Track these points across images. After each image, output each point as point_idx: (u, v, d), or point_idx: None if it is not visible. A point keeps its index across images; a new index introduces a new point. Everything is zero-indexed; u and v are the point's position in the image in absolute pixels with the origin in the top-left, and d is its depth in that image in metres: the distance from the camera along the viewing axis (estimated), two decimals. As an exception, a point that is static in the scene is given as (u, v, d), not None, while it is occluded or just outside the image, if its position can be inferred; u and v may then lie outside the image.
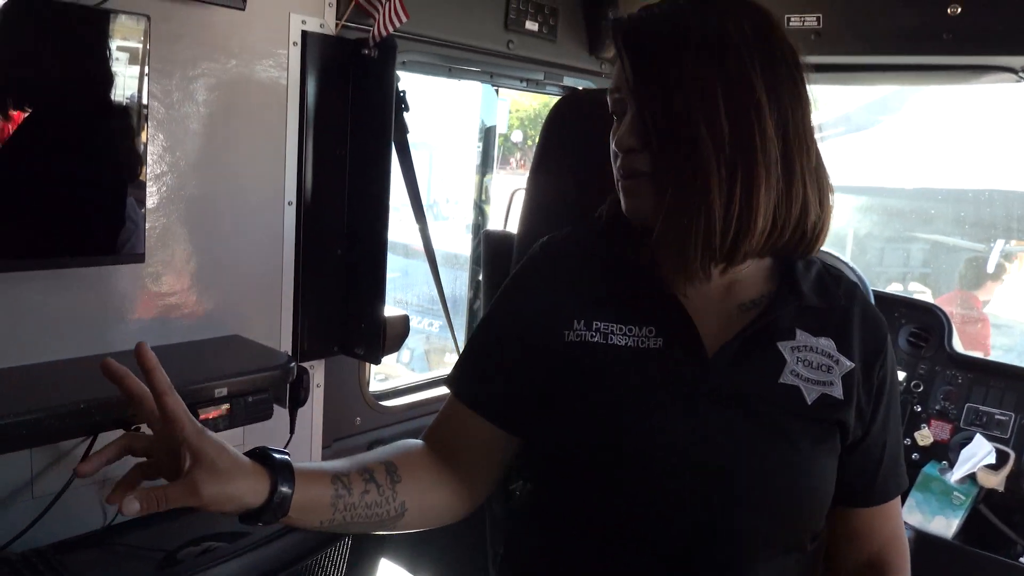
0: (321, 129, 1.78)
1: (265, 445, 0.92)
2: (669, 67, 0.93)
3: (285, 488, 0.88)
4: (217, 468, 0.84)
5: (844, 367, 1.00)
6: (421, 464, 1.04)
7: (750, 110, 0.92)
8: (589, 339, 1.01)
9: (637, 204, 1.00)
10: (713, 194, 0.92)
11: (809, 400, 0.98)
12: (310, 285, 1.81)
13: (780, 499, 0.97)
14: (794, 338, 1.01)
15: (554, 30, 2.32)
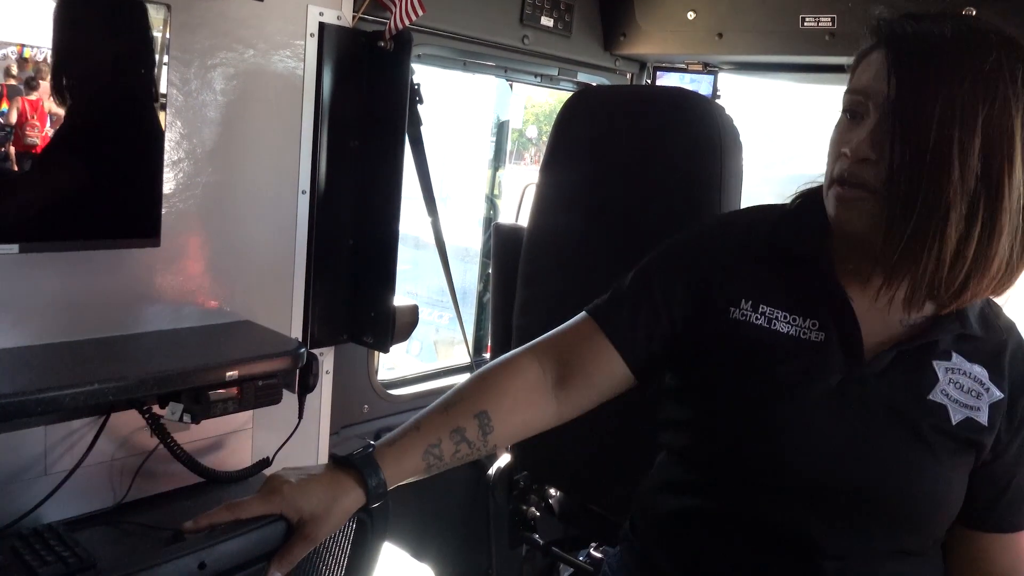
0: (336, 120, 1.80)
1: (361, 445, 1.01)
2: (938, 93, 0.91)
3: (375, 482, 0.97)
4: (317, 515, 0.93)
5: (993, 396, 1.03)
6: (518, 390, 1.10)
7: (1004, 153, 0.92)
8: (754, 320, 1.07)
9: (851, 216, 0.99)
10: (951, 228, 0.92)
11: (954, 420, 1.01)
12: (321, 273, 1.84)
13: (915, 505, 1.01)
14: (950, 360, 1.03)
15: (569, 26, 2.34)
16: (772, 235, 1.11)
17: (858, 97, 1.00)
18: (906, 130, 0.93)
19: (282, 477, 0.94)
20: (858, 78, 1.01)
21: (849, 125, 1.01)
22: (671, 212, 1.48)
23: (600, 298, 1.17)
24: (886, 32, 0.98)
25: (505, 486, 1.95)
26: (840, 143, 1.00)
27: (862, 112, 1.00)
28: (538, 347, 1.15)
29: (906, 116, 0.93)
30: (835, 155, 1.02)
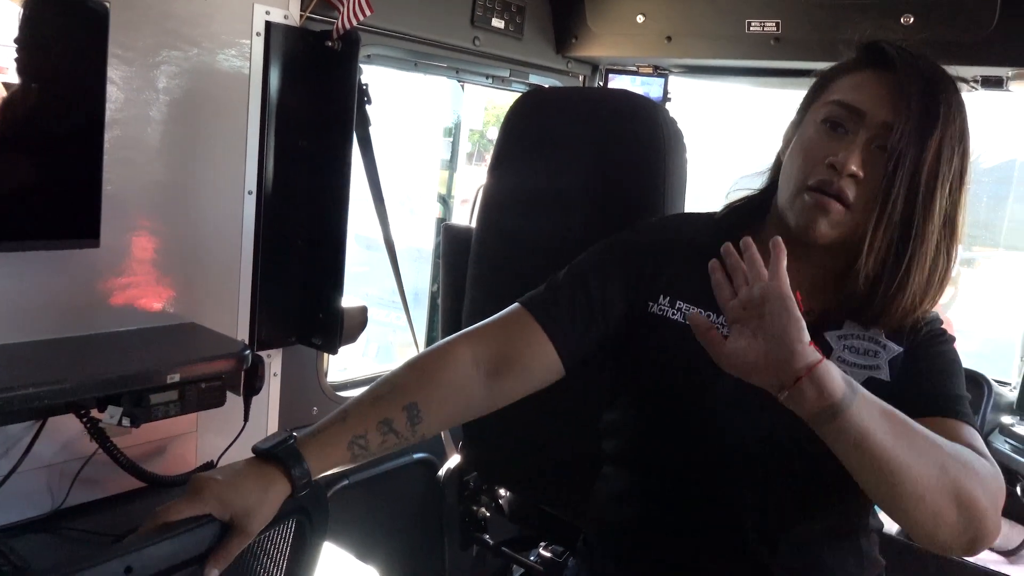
0: (283, 120, 1.79)
1: (279, 434, 1.00)
2: (938, 130, 1.00)
3: (298, 472, 0.96)
4: (248, 509, 0.92)
5: (892, 351, 1.07)
6: (450, 379, 1.10)
7: (959, 199, 1.04)
8: (670, 316, 1.14)
9: (824, 226, 1.04)
10: (927, 258, 1.02)
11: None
12: (269, 275, 1.82)
13: (826, 475, 1.03)
14: (841, 328, 1.08)
15: (520, 28, 2.34)
16: (696, 238, 1.17)
17: (845, 112, 1.05)
18: (909, 162, 1.00)
19: (207, 476, 0.93)
20: (847, 93, 1.06)
21: (831, 136, 1.05)
22: (616, 213, 1.49)
23: (534, 291, 1.20)
24: (890, 57, 1.04)
25: (455, 487, 1.95)
26: (823, 153, 1.04)
27: (848, 128, 1.04)
28: (471, 336, 1.16)
29: (911, 149, 1.00)
30: (813, 163, 1.05)
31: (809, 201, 1.04)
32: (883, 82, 1.03)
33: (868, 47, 1.09)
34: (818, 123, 1.07)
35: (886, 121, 1.01)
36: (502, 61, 2.37)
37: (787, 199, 1.08)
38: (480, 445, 1.87)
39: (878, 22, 1.95)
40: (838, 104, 1.05)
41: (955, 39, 1.90)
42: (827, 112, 1.06)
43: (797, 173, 1.07)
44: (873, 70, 1.05)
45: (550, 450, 1.66)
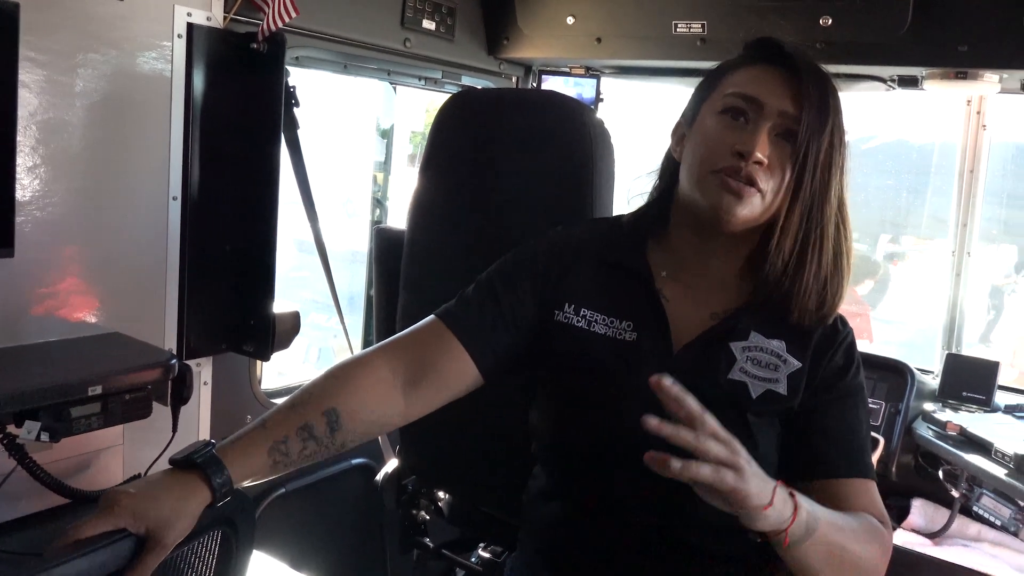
0: (208, 124, 1.75)
1: (198, 444, 0.98)
2: (832, 122, 1.07)
3: (220, 480, 0.95)
4: (164, 521, 0.90)
5: (791, 366, 1.10)
6: (368, 389, 1.11)
7: (845, 183, 1.11)
8: (575, 323, 1.16)
9: (739, 207, 1.07)
10: (828, 242, 1.09)
11: (754, 395, 1.09)
12: (197, 282, 1.78)
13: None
14: (747, 339, 1.11)
15: (452, 29, 2.34)
16: (600, 246, 1.21)
17: (745, 103, 1.08)
18: (815, 149, 1.05)
19: (119, 489, 0.91)
20: (744, 86, 1.10)
21: (732, 125, 1.09)
22: (545, 214, 1.50)
23: (448, 303, 1.22)
24: (785, 52, 1.10)
25: (394, 491, 1.94)
26: (727, 141, 1.08)
27: (750, 116, 1.08)
28: (389, 347, 1.18)
29: (815, 137, 1.05)
30: (718, 152, 1.09)
31: (719, 183, 1.07)
32: (777, 75, 1.08)
33: (760, 43, 1.14)
34: (717, 114, 1.10)
35: (785, 111, 1.06)
36: (434, 63, 2.37)
37: (693, 186, 1.11)
38: (417, 448, 1.86)
39: (799, 24, 2.02)
40: (736, 96, 1.09)
41: (872, 40, 1.97)
42: (726, 103, 1.10)
43: (702, 162, 1.10)
44: (766, 63, 1.10)
45: (486, 451, 1.66)
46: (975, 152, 2.50)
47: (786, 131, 1.07)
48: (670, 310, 1.14)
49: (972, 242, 2.62)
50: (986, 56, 1.90)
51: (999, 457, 2.13)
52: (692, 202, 1.12)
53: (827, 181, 1.07)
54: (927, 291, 3.96)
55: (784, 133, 1.07)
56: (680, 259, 1.17)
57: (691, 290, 1.16)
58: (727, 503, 0.90)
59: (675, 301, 1.15)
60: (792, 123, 1.06)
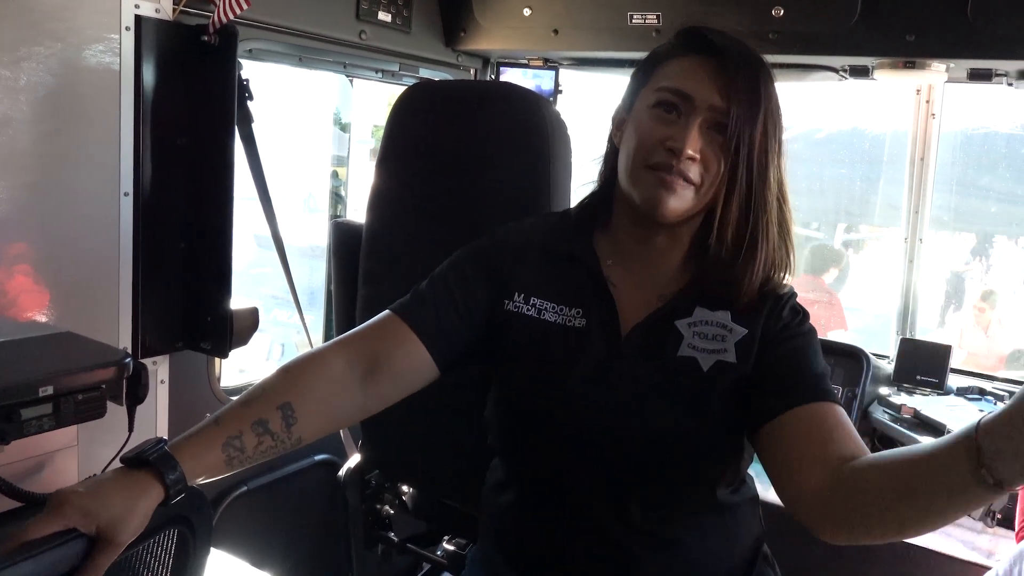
0: (159, 118, 1.72)
1: (150, 441, 0.97)
2: (763, 109, 1.07)
3: (173, 477, 0.94)
4: (116, 519, 0.88)
5: (738, 334, 1.11)
6: (324, 384, 1.10)
7: (783, 167, 1.12)
8: (525, 311, 1.18)
9: (673, 202, 1.08)
10: (772, 228, 1.10)
11: (705, 368, 1.10)
12: (151, 279, 1.75)
13: (683, 457, 1.10)
14: (691, 315, 1.13)
15: (408, 21, 2.33)
16: (547, 239, 1.22)
17: (675, 98, 1.09)
18: (748, 140, 1.06)
19: (68, 489, 0.89)
20: (674, 79, 1.10)
21: (664, 120, 1.09)
22: (503, 206, 1.50)
23: (403, 298, 1.22)
24: (714, 44, 1.09)
25: (357, 486, 1.93)
26: (659, 136, 1.08)
27: (681, 110, 1.08)
28: (344, 342, 1.17)
29: (747, 128, 1.06)
30: (650, 146, 1.09)
31: (652, 179, 1.08)
32: (707, 67, 1.08)
33: (688, 33, 1.14)
34: (650, 108, 1.11)
35: (715, 104, 1.07)
36: (391, 55, 2.35)
37: (629, 179, 1.12)
38: (380, 443, 1.85)
39: (751, 15, 2.04)
40: (667, 91, 1.09)
41: (823, 30, 2.00)
42: (657, 98, 1.10)
43: (635, 155, 1.10)
44: (695, 55, 1.10)
45: (448, 444, 1.66)
46: (925, 140, 2.55)
47: (717, 123, 1.07)
48: (617, 295, 1.16)
49: (924, 229, 2.68)
50: (932, 46, 1.94)
51: (951, 438, 2.17)
52: (628, 194, 1.13)
53: (764, 168, 1.08)
54: (884, 278, 4.05)
55: (715, 125, 1.07)
56: (624, 246, 1.18)
57: (637, 275, 1.17)
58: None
59: (622, 286, 1.16)
60: (722, 116, 1.07)
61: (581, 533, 1.15)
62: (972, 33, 1.90)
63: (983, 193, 3.63)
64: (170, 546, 1.03)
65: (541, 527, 1.20)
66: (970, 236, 4.08)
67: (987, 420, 0.79)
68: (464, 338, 1.19)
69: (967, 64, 2.07)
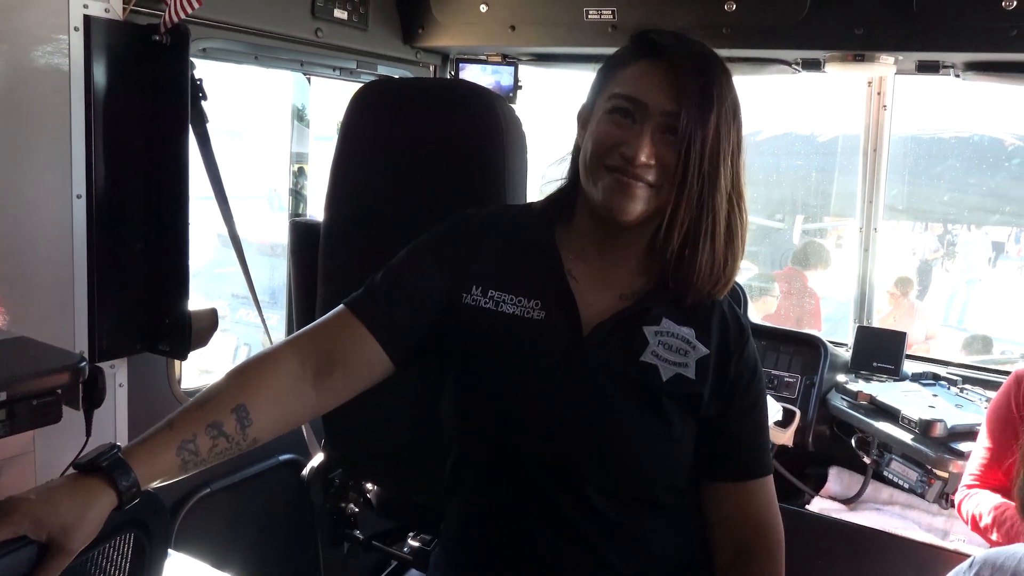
0: (111, 119, 1.70)
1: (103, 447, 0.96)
2: (715, 112, 1.08)
3: (126, 483, 0.94)
4: (68, 526, 0.88)
5: (699, 352, 1.14)
6: (277, 383, 1.10)
7: (740, 169, 1.14)
8: (483, 304, 1.17)
9: (629, 204, 1.09)
10: (719, 227, 1.12)
11: (664, 378, 1.12)
12: (106, 281, 1.73)
13: (637, 455, 1.13)
14: (659, 324, 1.14)
15: (365, 19, 2.32)
16: (509, 227, 1.22)
17: (629, 104, 1.10)
18: (698, 143, 1.08)
19: (19, 496, 0.88)
20: (628, 86, 1.11)
21: (620, 125, 1.11)
22: (459, 202, 1.49)
23: (356, 292, 1.21)
24: (665, 48, 1.10)
25: (321, 485, 1.93)
26: (614, 142, 1.10)
27: (635, 117, 1.10)
28: (296, 340, 1.17)
29: (698, 131, 1.07)
30: (606, 150, 1.11)
31: (610, 180, 1.10)
32: (658, 71, 1.09)
33: (640, 38, 1.15)
34: (606, 113, 1.12)
35: (666, 109, 1.08)
36: (348, 52, 2.34)
37: (587, 178, 1.13)
38: (343, 442, 1.85)
39: (705, 9, 2.07)
40: (621, 97, 1.11)
41: (774, 24, 2.03)
42: (613, 104, 1.12)
43: (592, 157, 1.12)
44: (648, 60, 1.11)
45: (411, 441, 1.67)
46: (877, 132, 2.60)
47: (671, 127, 1.09)
48: (579, 289, 1.16)
49: (878, 218, 2.73)
50: (881, 39, 1.98)
51: (905, 423, 2.23)
52: (589, 194, 1.14)
53: (715, 169, 1.09)
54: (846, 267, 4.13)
55: (669, 129, 1.09)
56: (587, 243, 1.19)
57: (599, 272, 1.18)
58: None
59: (583, 281, 1.17)
60: (675, 120, 1.08)
61: (540, 527, 1.16)
62: (919, 26, 1.94)
63: (934, 182, 3.71)
64: (126, 551, 1.02)
65: (499, 522, 1.20)
66: (919, 225, 4.17)
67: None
68: (419, 331, 1.18)
69: (915, 56, 2.12)
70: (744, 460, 1.18)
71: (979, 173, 3.82)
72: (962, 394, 2.43)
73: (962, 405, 2.34)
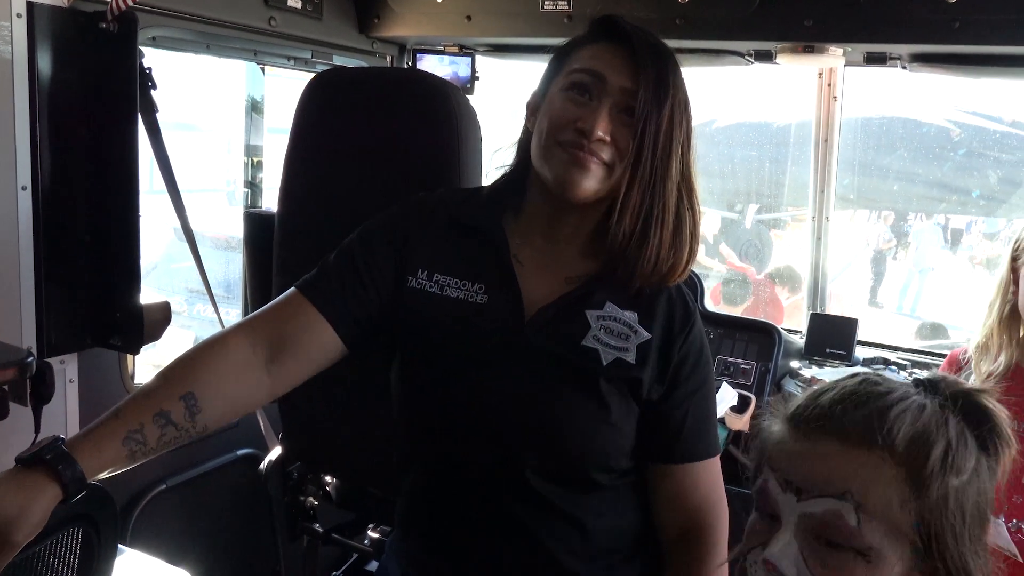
0: (57, 109, 1.67)
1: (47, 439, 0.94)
2: (671, 97, 1.10)
3: (71, 475, 0.92)
4: (10, 520, 0.87)
5: (641, 337, 1.14)
6: (227, 369, 1.09)
7: (690, 160, 1.15)
8: (427, 288, 1.17)
9: (583, 180, 1.10)
10: (669, 214, 1.13)
11: (605, 362, 1.13)
12: (54, 275, 1.70)
13: (578, 441, 1.13)
14: (602, 308, 1.15)
15: (319, 7, 2.29)
16: (456, 211, 1.22)
17: (589, 77, 1.11)
18: (653, 125, 1.09)
19: None
20: (587, 62, 1.12)
21: (577, 102, 1.11)
22: (412, 193, 1.50)
23: (308, 275, 1.21)
24: (626, 32, 1.11)
25: (279, 478, 1.92)
26: (570, 118, 1.10)
27: (593, 94, 1.10)
28: (247, 325, 1.17)
29: (654, 113, 1.08)
30: (561, 126, 1.11)
31: (564, 155, 1.10)
32: (618, 53, 1.11)
33: (602, 21, 1.16)
34: (563, 91, 1.13)
35: (625, 87, 1.09)
36: (302, 42, 2.32)
37: (541, 156, 1.13)
38: (300, 434, 1.84)
39: (657, 1, 2.08)
40: (580, 72, 1.12)
41: (726, 16, 2.06)
42: (571, 80, 1.12)
43: (548, 136, 1.12)
44: (608, 42, 1.13)
45: (367, 433, 1.66)
46: (828, 123, 2.65)
47: (627, 107, 1.10)
48: (523, 274, 1.16)
49: (830, 208, 2.78)
50: (830, 30, 2.01)
51: (856, 407, 2.28)
52: (541, 173, 1.15)
53: (667, 156, 1.11)
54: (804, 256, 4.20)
55: (626, 109, 1.10)
56: (534, 226, 1.19)
57: (545, 256, 1.18)
58: None
59: (529, 265, 1.18)
60: (632, 99, 1.09)
61: (478, 510, 1.17)
62: (866, 18, 1.98)
63: (883, 172, 3.79)
64: (74, 546, 1.01)
65: (444, 506, 1.21)
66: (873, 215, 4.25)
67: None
68: (370, 313, 1.18)
69: (863, 48, 2.16)
70: (689, 442, 1.19)
71: (926, 163, 3.91)
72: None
73: (911, 389, 2.39)
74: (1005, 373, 1.58)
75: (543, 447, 1.13)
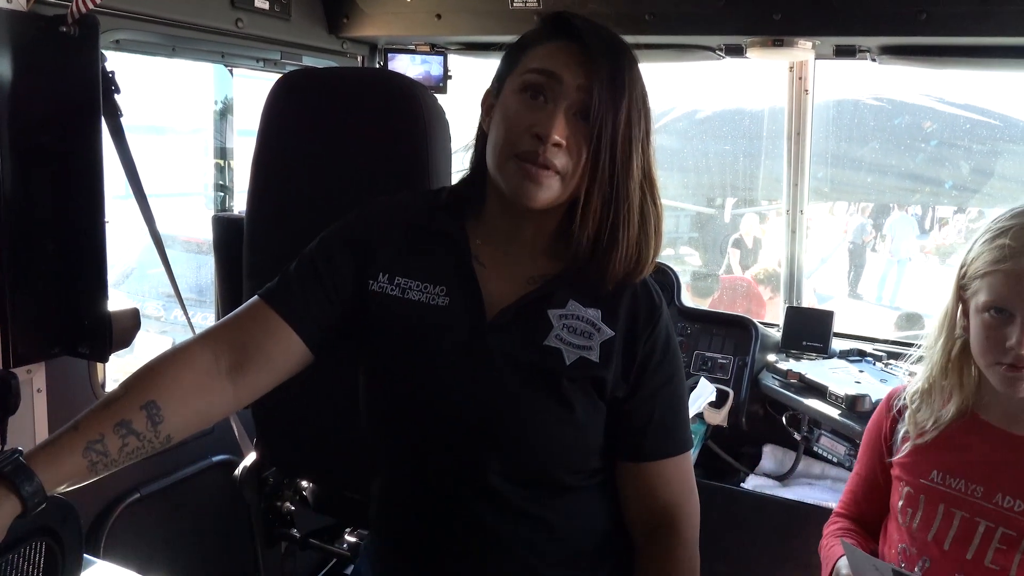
0: (17, 115, 1.64)
1: (5, 452, 0.93)
2: (627, 95, 1.08)
3: (30, 489, 0.90)
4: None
5: (604, 335, 1.13)
6: (190, 379, 1.08)
7: (650, 156, 1.13)
8: (389, 292, 1.16)
9: (538, 193, 1.08)
10: (633, 215, 1.11)
11: (568, 361, 1.11)
12: (18, 284, 1.67)
13: (541, 442, 1.12)
14: (565, 307, 1.13)
15: (287, 8, 2.27)
16: (416, 214, 1.21)
17: (543, 78, 1.08)
18: (610, 127, 1.07)
19: None
20: (542, 61, 1.09)
21: (531, 105, 1.09)
22: (381, 194, 1.48)
23: (270, 283, 1.20)
24: (579, 29, 1.09)
25: (254, 484, 1.90)
26: (525, 122, 1.08)
27: (548, 96, 1.08)
28: (210, 334, 1.15)
29: (610, 114, 1.06)
30: (517, 133, 1.08)
31: (518, 170, 1.08)
32: (573, 51, 1.09)
33: (554, 18, 1.14)
34: (517, 92, 1.10)
35: (581, 85, 1.07)
36: (271, 43, 2.30)
37: (496, 168, 1.12)
38: (275, 440, 1.82)
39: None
40: (534, 72, 1.09)
41: (696, 11, 2.06)
42: (525, 80, 1.10)
43: (503, 143, 1.10)
44: (562, 40, 1.10)
45: (341, 437, 1.64)
46: (800, 116, 2.66)
47: (583, 108, 1.07)
48: (485, 275, 1.15)
49: (804, 201, 2.79)
50: (799, 24, 2.02)
51: (833, 399, 2.29)
52: (497, 182, 1.13)
53: (627, 156, 1.09)
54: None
55: (582, 110, 1.07)
56: (495, 228, 1.18)
57: (507, 257, 1.17)
58: None
59: (491, 267, 1.16)
60: (588, 97, 1.07)
61: (443, 514, 1.16)
62: (835, 11, 1.99)
63: (856, 164, 3.81)
64: (37, 560, 0.99)
65: (411, 509, 1.21)
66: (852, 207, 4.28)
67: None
68: (334, 318, 1.17)
69: (832, 41, 2.17)
70: (659, 439, 1.17)
71: (899, 155, 3.94)
72: (887, 369, 2.51)
73: (887, 380, 2.41)
74: (956, 420, 1.31)
75: (506, 449, 1.12)
